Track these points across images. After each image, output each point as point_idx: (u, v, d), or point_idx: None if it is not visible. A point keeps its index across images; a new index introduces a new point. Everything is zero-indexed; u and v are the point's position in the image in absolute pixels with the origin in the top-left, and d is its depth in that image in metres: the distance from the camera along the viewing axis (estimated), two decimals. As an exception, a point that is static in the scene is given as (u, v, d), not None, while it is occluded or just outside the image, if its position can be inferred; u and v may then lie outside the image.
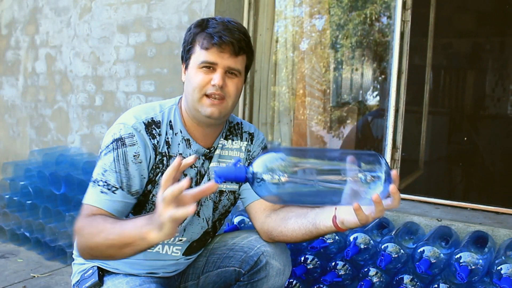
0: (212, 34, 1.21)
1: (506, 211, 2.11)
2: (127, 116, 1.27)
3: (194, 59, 1.25)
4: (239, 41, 1.23)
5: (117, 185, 1.20)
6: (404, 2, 2.37)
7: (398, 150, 2.43)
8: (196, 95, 1.24)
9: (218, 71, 1.23)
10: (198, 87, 1.23)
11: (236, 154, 1.42)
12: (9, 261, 2.58)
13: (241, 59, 1.27)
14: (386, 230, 1.86)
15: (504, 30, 4.53)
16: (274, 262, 1.36)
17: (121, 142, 1.21)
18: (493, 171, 4.48)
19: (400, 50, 2.37)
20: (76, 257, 1.42)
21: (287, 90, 3.23)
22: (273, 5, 2.98)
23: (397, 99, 2.40)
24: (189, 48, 1.27)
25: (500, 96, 4.87)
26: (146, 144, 1.24)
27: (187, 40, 1.28)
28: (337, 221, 1.15)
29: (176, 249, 1.39)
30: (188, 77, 1.27)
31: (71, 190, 2.66)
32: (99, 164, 1.23)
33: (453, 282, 1.52)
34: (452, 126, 4.86)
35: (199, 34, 1.25)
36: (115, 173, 1.20)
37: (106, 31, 3.15)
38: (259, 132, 1.51)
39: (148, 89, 2.97)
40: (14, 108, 3.72)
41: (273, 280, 1.37)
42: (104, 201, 1.19)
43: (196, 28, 1.27)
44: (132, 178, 1.22)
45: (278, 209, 1.36)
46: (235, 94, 1.27)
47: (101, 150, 1.24)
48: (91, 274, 1.32)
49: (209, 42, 1.21)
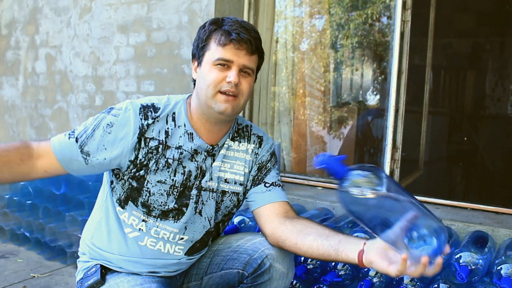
0: (230, 31, 1.23)
1: (506, 211, 2.11)
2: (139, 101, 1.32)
3: (209, 55, 1.26)
4: (255, 40, 1.26)
5: (77, 135, 1.27)
6: (404, 2, 2.37)
7: (398, 150, 2.43)
8: (211, 91, 1.25)
9: (233, 68, 1.24)
10: (213, 83, 1.24)
11: (242, 156, 1.41)
12: (9, 261, 2.58)
13: (255, 59, 1.29)
14: (386, 230, 1.86)
15: (504, 30, 4.53)
16: (278, 265, 1.35)
17: (108, 110, 1.28)
18: (493, 171, 4.49)
19: (400, 50, 2.37)
20: (81, 255, 1.43)
21: (287, 90, 3.23)
22: (273, 5, 2.98)
23: (397, 99, 2.40)
24: (203, 45, 1.28)
25: (500, 96, 4.88)
26: (130, 122, 1.25)
27: (202, 37, 1.29)
28: (364, 257, 1.13)
29: (179, 249, 1.39)
30: (202, 74, 1.27)
31: (71, 190, 2.66)
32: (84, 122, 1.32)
33: (453, 282, 1.52)
34: (452, 126, 4.86)
35: (216, 31, 1.26)
36: (84, 127, 1.28)
37: (106, 31, 3.15)
38: (269, 137, 1.51)
39: (148, 89, 2.97)
40: (14, 108, 3.72)
41: (276, 283, 1.37)
42: (57, 139, 1.28)
43: (212, 25, 1.28)
44: (92, 140, 1.25)
45: (294, 219, 1.34)
46: (247, 92, 1.29)
47: None
48: (93, 272, 1.32)
49: (227, 38, 1.23)
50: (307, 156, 3.48)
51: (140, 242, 1.34)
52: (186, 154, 1.31)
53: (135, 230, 1.35)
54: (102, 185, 1.43)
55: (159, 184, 1.30)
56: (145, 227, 1.34)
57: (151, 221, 1.33)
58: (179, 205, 1.33)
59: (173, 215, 1.34)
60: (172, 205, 1.33)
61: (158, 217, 1.33)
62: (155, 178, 1.29)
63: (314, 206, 2.23)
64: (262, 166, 1.44)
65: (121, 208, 1.34)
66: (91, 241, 1.39)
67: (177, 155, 1.30)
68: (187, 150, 1.31)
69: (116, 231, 1.35)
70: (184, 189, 1.33)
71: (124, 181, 1.31)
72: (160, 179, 1.29)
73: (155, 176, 1.29)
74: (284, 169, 3.06)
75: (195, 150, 1.32)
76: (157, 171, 1.28)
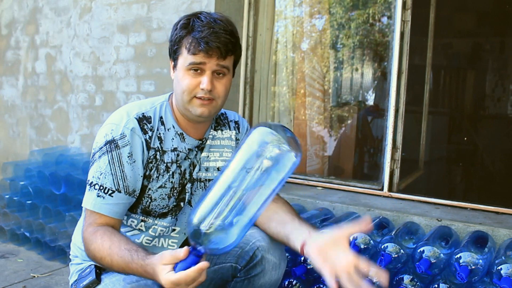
0: (199, 40, 1.21)
1: (506, 211, 2.11)
2: (119, 114, 1.29)
3: (181, 60, 1.27)
4: (225, 45, 1.23)
5: (113, 188, 1.23)
6: (404, 2, 2.37)
7: (398, 150, 2.43)
8: (186, 97, 1.27)
9: (206, 74, 1.24)
10: (188, 90, 1.26)
11: (229, 143, 1.45)
12: (9, 261, 2.58)
13: (229, 59, 1.28)
14: (386, 230, 1.86)
15: (504, 30, 4.53)
16: (270, 257, 1.38)
17: (114, 144, 1.24)
18: (493, 171, 4.48)
19: (400, 50, 2.37)
20: (74, 258, 1.43)
21: (287, 90, 3.23)
22: (273, 5, 2.97)
23: (397, 99, 2.40)
24: (175, 48, 1.29)
25: (500, 96, 4.88)
26: (138, 141, 1.26)
27: (174, 40, 1.29)
28: (305, 249, 1.18)
29: (172, 242, 1.40)
30: (177, 78, 1.29)
31: (71, 190, 2.66)
32: (94, 167, 1.25)
33: (453, 282, 1.52)
34: (452, 126, 4.86)
35: (186, 37, 1.25)
36: (110, 175, 1.23)
37: (106, 31, 3.15)
38: (243, 119, 1.55)
39: (148, 89, 2.97)
40: (14, 108, 3.72)
41: (270, 274, 1.39)
42: (102, 205, 1.22)
43: (182, 30, 1.27)
44: (128, 179, 1.24)
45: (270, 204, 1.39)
46: (224, 93, 1.30)
47: (94, 151, 1.27)
48: (88, 272, 1.32)
49: (195, 48, 1.22)
50: (307, 156, 3.48)
51: (137, 239, 1.36)
52: (182, 155, 1.35)
53: (134, 229, 1.36)
54: None
55: (160, 189, 1.32)
56: (144, 227, 1.36)
57: (150, 221, 1.35)
58: (177, 202, 1.36)
59: (171, 212, 1.36)
60: (172, 205, 1.35)
61: (157, 216, 1.35)
62: (156, 184, 1.31)
63: (314, 206, 2.23)
64: None
65: None
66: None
67: (174, 157, 1.33)
68: (182, 150, 1.34)
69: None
70: (182, 188, 1.36)
71: None
72: (161, 184, 1.32)
73: (156, 183, 1.31)
74: (284, 169, 3.05)
75: (189, 149, 1.36)
76: (158, 177, 1.31)
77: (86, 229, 1.23)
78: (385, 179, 2.41)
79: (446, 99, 5.13)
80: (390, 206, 2.18)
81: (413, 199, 2.33)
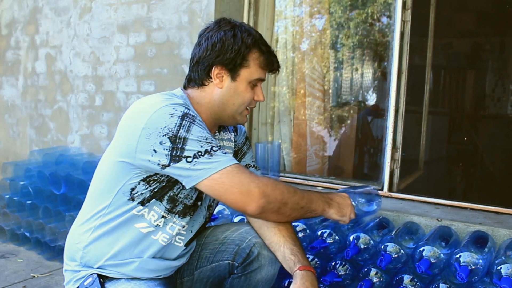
0: (271, 58, 1.36)
1: (506, 211, 2.11)
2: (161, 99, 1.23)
3: (246, 73, 1.32)
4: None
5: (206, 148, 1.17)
6: (404, 2, 2.37)
7: (398, 150, 2.43)
8: (242, 108, 1.35)
9: (259, 87, 1.37)
10: (248, 102, 1.35)
11: (228, 144, 1.50)
12: (9, 261, 2.58)
13: None
14: (386, 230, 1.86)
15: (504, 30, 4.53)
16: (266, 253, 1.40)
17: (188, 116, 1.19)
18: (493, 171, 4.48)
19: (400, 50, 2.37)
20: (69, 261, 1.37)
21: (287, 90, 3.23)
22: (273, 5, 2.98)
23: (397, 99, 2.40)
24: (242, 61, 1.31)
25: (500, 96, 4.87)
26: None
27: (240, 49, 1.29)
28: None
29: (179, 239, 1.37)
30: (237, 90, 1.33)
31: (71, 190, 2.66)
32: (193, 140, 1.16)
33: (453, 282, 1.52)
34: (452, 126, 4.86)
35: (255, 51, 1.32)
36: (211, 139, 1.20)
37: (106, 31, 3.15)
38: None
39: (148, 89, 2.97)
40: (14, 108, 3.72)
41: (266, 269, 1.40)
42: (233, 159, 1.19)
43: (244, 43, 1.30)
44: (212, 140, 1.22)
45: None
46: None
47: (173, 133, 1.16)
48: (91, 282, 1.27)
49: (269, 66, 1.36)
50: (307, 156, 3.47)
51: (153, 236, 1.30)
52: None
53: (151, 226, 1.30)
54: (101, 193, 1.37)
55: None
56: (163, 223, 1.31)
57: (169, 217, 1.31)
58: (196, 199, 1.35)
59: (189, 212, 1.35)
60: (193, 200, 1.33)
61: (177, 213, 1.32)
62: None
63: (314, 206, 2.22)
64: (239, 150, 1.54)
65: (141, 205, 1.28)
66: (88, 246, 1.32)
67: None
68: None
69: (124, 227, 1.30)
70: None
71: (159, 182, 1.26)
72: None
73: None
74: (284, 169, 3.06)
75: None
76: None
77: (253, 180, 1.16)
78: (385, 179, 2.42)
79: (446, 99, 5.13)
80: (390, 206, 2.18)
81: (413, 199, 2.33)
